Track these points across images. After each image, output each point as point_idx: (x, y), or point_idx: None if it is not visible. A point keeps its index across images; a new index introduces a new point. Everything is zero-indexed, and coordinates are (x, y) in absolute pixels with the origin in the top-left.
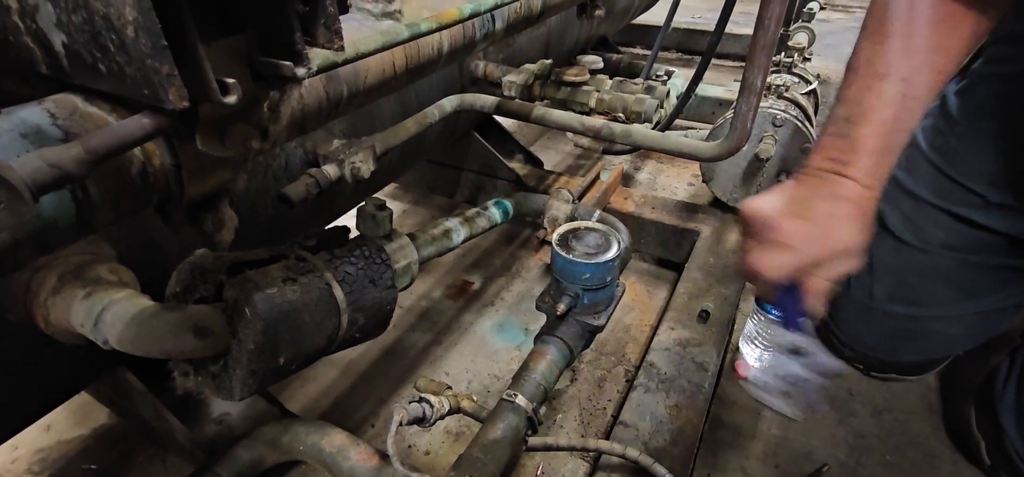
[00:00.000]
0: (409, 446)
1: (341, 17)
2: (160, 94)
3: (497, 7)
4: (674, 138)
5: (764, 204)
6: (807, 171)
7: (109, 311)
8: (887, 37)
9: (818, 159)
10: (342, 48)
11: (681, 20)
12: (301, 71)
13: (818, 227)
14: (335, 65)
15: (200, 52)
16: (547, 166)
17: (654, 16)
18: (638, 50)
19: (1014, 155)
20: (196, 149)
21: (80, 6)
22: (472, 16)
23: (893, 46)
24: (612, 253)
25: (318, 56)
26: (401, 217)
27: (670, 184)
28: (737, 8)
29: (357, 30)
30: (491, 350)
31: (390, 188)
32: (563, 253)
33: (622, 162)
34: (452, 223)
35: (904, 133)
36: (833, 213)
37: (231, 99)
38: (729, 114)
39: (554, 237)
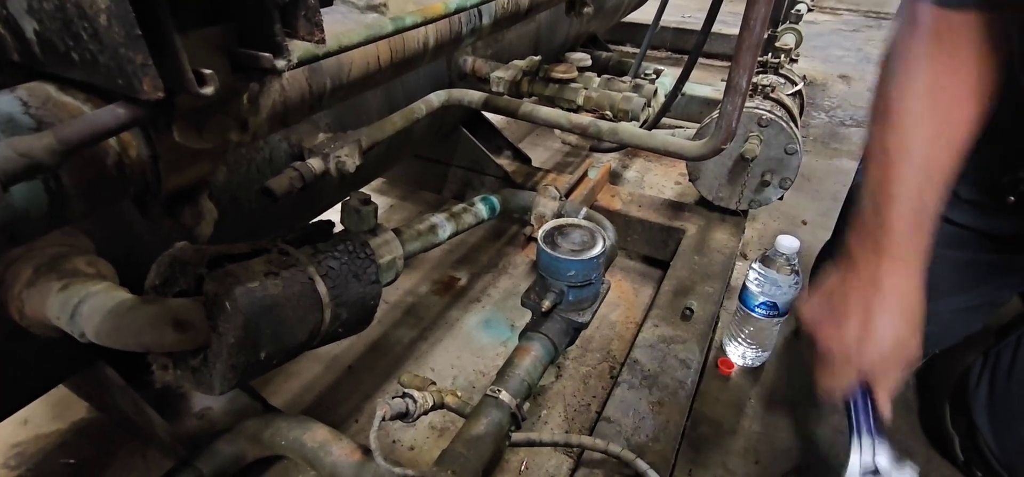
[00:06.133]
0: (393, 441)
1: (325, 9)
2: (134, 84)
3: (483, 2)
4: (660, 137)
5: (807, 310)
6: (845, 256)
7: (86, 303)
8: (896, 120)
9: (854, 245)
10: (323, 40)
11: (671, 19)
12: (281, 63)
13: (860, 326)
14: (316, 58)
15: (176, 41)
16: (535, 163)
17: (644, 15)
18: (628, 48)
19: (980, 153)
20: (173, 140)
21: None
22: (458, 10)
23: (904, 127)
24: (597, 250)
25: (298, 48)
26: (388, 212)
27: (657, 182)
28: (726, 8)
29: (341, 23)
30: (476, 346)
31: (377, 183)
32: (549, 250)
33: (610, 160)
34: (438, 219)
35: (931, 209)
36: (872, 306)
37: (208, 90)
38: (715, 113)
39: (540, 234)
